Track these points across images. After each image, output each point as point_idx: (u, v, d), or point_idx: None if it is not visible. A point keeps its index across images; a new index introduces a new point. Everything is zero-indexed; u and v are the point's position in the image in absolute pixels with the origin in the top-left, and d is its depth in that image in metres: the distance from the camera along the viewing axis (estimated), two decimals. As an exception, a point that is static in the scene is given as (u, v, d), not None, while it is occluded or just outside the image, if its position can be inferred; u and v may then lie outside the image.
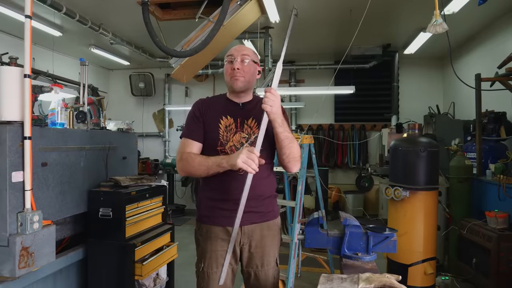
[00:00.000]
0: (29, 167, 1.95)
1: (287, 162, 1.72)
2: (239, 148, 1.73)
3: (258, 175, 1.75)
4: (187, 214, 7.24)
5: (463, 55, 5.94)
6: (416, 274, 3.04)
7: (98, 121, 2.92)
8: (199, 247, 1.83)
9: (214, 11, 3.72)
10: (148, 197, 2.78)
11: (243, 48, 1.82)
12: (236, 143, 1.75)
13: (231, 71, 1.76)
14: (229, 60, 1.79)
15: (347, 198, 6.82)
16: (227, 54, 1.81)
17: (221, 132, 1.76)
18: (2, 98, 1.96)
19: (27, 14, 1.94)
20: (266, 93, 1.57)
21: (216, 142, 1.75)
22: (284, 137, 1.64)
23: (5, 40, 5.33)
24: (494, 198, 3.34)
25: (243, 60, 1.77)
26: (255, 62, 1.83)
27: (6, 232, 1.88)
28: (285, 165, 1.75)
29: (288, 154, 1.69)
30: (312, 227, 1.82)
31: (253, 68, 1.81)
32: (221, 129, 1.76)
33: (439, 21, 2.39)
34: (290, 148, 1.67)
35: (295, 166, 1.74)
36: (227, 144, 1.75)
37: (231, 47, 1.86)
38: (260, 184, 1.76)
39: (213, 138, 1.76)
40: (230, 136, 1.76)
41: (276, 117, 1.59)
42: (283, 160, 1.72)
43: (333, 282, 1.38)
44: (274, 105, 1.57)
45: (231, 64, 1.77)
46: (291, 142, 1.67)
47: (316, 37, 5.85)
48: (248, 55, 1.79)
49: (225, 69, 1.82)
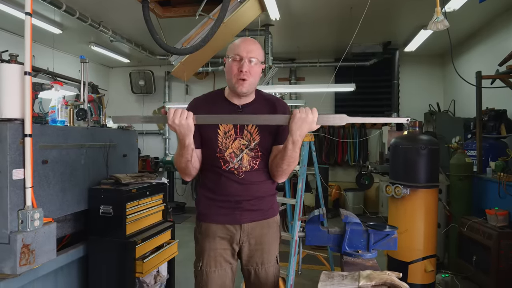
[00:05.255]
0: (30, 164, 1.95)
1: (279, 174, 1.72)
2: (239, 154, 1.70)
3: (260, 177, 1.75)
4: (187, 212, 7.25)
5: (464, 53, 5.93)
6: (416, 271, 3.04)
7: (98, 118, 2.91)
8: (197, 245, 1.81)
9: (215, 9, 3.71)
10: (148, 194, 2.78)
11: (252, 48, 1.66)
12: (235, 149, 1.70)
13: (238, 73, 1.63)
14: (234, 58, 1.64)
15: (347, 196, 6.82)
16: (234, 52, 1.65)
17: (220, 139, 1.69)
18: (3, 96, 1.96)
19: (27, 11, 1.93)
20: (305, 112, 1.48)
21: (215, 149, 1.70)
22: (289, 155, 1.61)
23: (4, 37, 5.32)
24: (494, 195, 3.35)
25: (251, 61, 1.64)
26: (261, 63, 1.70)
27: (7, 230, 1.88)
28: (274, 175, 1.74)
29: (282, 171, 1.69)
30: (313, 225, 1.82)
31: (259, 69, 1.70)
32: (219, 135, 1.70)
33: (440, 18, 2.38)
34: (288, 166, 1.66)
35: (282, 179, 1.75)
36: (226, 151, 1.69)
37: (232, 43, 1.70)
38: (261, 184, 1.76)
39: (212, 145, 1.70)
40: (229, 143, 1.70)
41: (297, 139, 1.55)
42: (275, 172, 1.71)
43: (333, 279, 1.38)
44: (304, 128, 1.52)
45: (237, 64, 1.63)
46: (293, 162, 1.65)
47: (317, 35, 5.84)
48: (256, 57, 1.65)
49: (229, 68, 1.67)
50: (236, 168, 1.70)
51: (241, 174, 1.71)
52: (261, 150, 1.72)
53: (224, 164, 1.70)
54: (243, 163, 1.70)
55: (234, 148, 1.70)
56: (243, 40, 1.70)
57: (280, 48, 6.40)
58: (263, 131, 1.71)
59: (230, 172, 1.71)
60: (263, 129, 1.71)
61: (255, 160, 1.72)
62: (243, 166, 1.71)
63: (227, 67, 1.69)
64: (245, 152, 1.70)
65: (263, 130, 1.71)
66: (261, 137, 1.71)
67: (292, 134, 1.54)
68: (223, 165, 1.70)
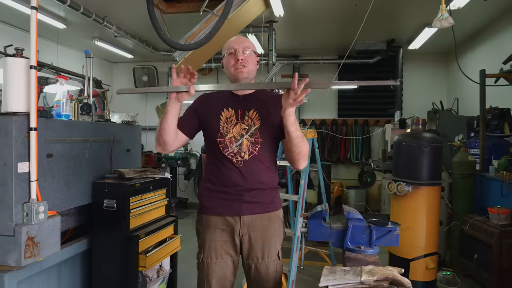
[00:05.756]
0: (35, 158, 1.96)
1: (296, 160, 1.70)
2: (239, 139, 1.74)
3: (259, 165, 1.77)
4: (189, 208, 7.28)
5: (468, 51, 5.91)
6: (418, 268, 3.05)
7: (102, 113, 2.92)
8: (199, 237, 1.84)
9: (219, 5, 3.70)
10: (152, 189, 2.79)
11: (243, 40, 1.82)
12: (236, 134, 1.75)
13: (235, 63, 1.75)
14: (229, 52, 1.78)
15: (349, 193, 6.83)
16: (228, 47, 1.80)
17: (221, 124, 1.76)
18: (8, 90, 1.97)
19: (33, 6, 1.94)
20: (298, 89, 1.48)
21: (216, 133, 1.76)
22: (296, 136, 1.62)
23: (8, 31, 5.33)
24: (497, 194, 3.35)
25: (244, 51, 1.77)
26: (254, 53, 1.83)
27: (12, 222, 1.90)
28: (294, 162, 1.72)
29: (298, 152, 1.67)
30: (315, 220, 1.83)
31: (254, 58, 1.82)
32: (221, 120, 1.77)
33: (445, 15, 2.38)
34: (300, 147, 1.65)
35: (303, 163, 1.72)
36: (227, 135, 1.75)
37: (226, 43, 1.85)
38: (261, 175, 1.77)
39: (213, 129, 1.77)
40: (230, 128, 1.76)
41: (289, 116, 1.57)
42: (293, 158, 1.70)
43: (336, 274, 1.39)
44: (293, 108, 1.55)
45: (233, 56, 1.77)
46: (302, 140, 1.65)
47: (321, 32, 5.83)
48: (249, 47, 1.79)
49: (226, 62, 1.81)
50: (235, 154, 1.73)
51: (240, 163, 1.74)
52: (261, 136, 1.76)
53: (224, 149, 1.74)
54: (242, 148, 1.74)
55: (235, 133, 1.75)
56: (235, 36, 1.88)
57: (284, 45, 6.39)
58: (264, 117, 1.76)
59: (229, 161, 1.74)
60: (264, 115, 1.76)
61: (255, 146, 1.75)
62: (242, 151, 1.74)
63: (225, 62, 1.82)
64: (245, 137, 1.74)
65: (264, 116, 1.76)
66: (262, 123, 1.75)
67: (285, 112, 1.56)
68: (222, 150, 1.74)
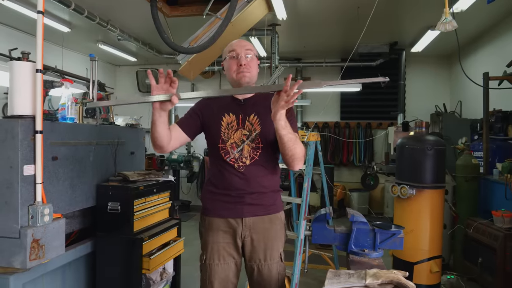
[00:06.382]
0: (40, 160, 1.97)
1: (291, 162, 1.70)
2: (240, 145, 1.75)
3: (261, 170, 1.78)
4: (192, 210, 7.27)
5: (471, 54, 5.90)
6: (422, 272, 3.05)
7: (107, 116, 2.94)
8: (202, 239, 1.86)
9: (222, 8, 3.72)
10: (155, 192, 2.80)
11: (245, 43, 1.80)
12: (237, 140, 1.76)
13: (238, 67, 1.74)
14: (231, 55, 1.76)
15: (352, 196, 6.82)
16: (229, 50, 1.78)
17: (222, 129, 1.76)
18: (14, 93, 1.99)
19: (40, 10, 1.96)
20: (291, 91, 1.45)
21: (217, 139, 1.76)
22: (288, 139, 1.60)
23: (14, 35, 5.37)
24: (501, 197, 3.34)
25: (247, 55, 1.75)
26: (256, 56, 1.82)
27: (17, 225, 1.91)
28: (288, 164, 1.73)
29: (292, 155, 1.66)
30: (319, 223, 1.83)
31: (256, 62, 1.81)
32: (223, 126, 1.77)
33: (449, 18, 2.38)
34: (293, 150, 1.64)
35: (297, 165, 1.72)
36: (228, 141, 1.76)
37: (227, 46, 1.83)
38: (263, 179, 1.78)
39: (215, 134, 1.77)
40: (231, 134, 1.76)
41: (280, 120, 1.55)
42: (287, 160, 1.71)
43: (340, 277, 1.39)
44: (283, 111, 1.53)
45: (235, 60, 1.75)
46: (294, 143, 1.63)
47: (323, 35, 5.84)
48: (251, 50, 1.78)
49: (228, 65, 1.78)
50: (236, 160, 1.74)
51: (242, 168, 1.74)
52: (262, 141, 1.76)
53: (225, 155, 1.75)
54: (243, 153, 1.74)
55: (236, 139, 1.76)
56: (236, 40, 1.84)
57: (287, 48, 6.41)
58: (264, 122, 1.76)
59: (231, 166, 1.75)
60: (264, 120, 1.76)
61: (256, 151, 1.76)
62: (244, 157, 1.74)
63: (226, 66, 1.80)
64: (246, 143, 1.75)
65: (264, 121, 1.76)
66: (262, 128, 1.75)
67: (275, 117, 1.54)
68: (223, 156, 1.75)
